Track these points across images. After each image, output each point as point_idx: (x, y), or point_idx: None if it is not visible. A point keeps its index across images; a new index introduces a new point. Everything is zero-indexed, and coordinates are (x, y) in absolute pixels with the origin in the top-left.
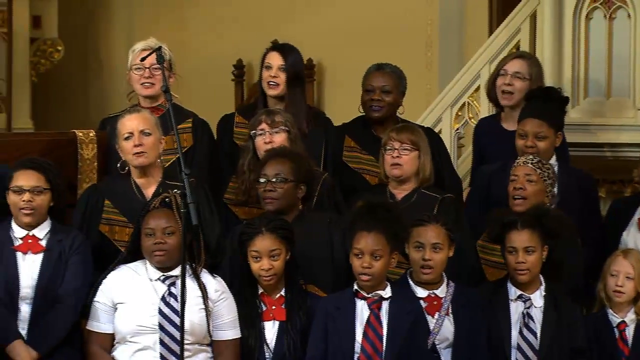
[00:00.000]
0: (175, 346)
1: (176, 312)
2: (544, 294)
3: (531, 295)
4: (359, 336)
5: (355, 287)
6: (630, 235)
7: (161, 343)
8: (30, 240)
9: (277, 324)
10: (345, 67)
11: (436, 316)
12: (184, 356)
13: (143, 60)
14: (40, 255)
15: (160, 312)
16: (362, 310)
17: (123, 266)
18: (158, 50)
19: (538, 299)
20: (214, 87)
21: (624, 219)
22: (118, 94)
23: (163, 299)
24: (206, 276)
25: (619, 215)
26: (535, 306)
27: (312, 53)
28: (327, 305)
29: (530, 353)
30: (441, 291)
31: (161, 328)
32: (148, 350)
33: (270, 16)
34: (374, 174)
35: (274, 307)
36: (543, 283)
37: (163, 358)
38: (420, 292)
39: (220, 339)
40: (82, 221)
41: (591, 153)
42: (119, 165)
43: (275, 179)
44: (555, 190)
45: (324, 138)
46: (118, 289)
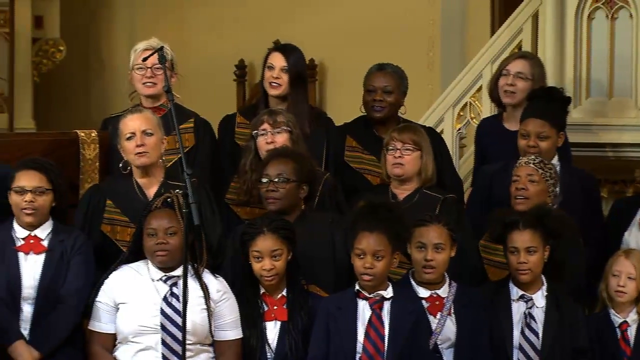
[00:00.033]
0: (177, 346)
1: (178, 312)
2: (545, 294)
3: (533, 296)
4: (360, 336)
5: (357, 287)
6: (632, 236)
7: (163, 343)
8: (32, 241)
9: (279, 324)
10: (347, 67)
11: (438, 316)
12: (185, 356)
13: (145, 60)
14: (42, 255)
15: (162, 313)
16: (364, 310)
17: (125, 266)
18: (160, 50)
19: (540, 299)
20: (216, 87)
21: (625, 219)
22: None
23: (165, 299)
24: (208, 276)
25: (621, 215)
26: (537, 306)
27: (314, 53)
28: (329, 305)
29: (532, 353)
30: (443, 291)
31: (163, 328)
32: (150, 350)
33: (272, 16)
34: (375, 174)
35: (275, 307)
36: (545, 283)
37: (165, 358)
38: (423, 292)
39: (222, 339)
40: (84, 221)
41: (593, 153)
42: (120, 165)
43: (277, 179)
44: (557, 190)
45: (326, 138)
46: (120, 289)
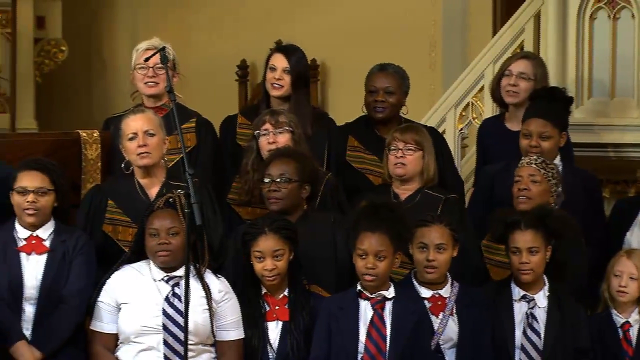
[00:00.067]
0: (178, 346)
1: (180, 313)
2: (547, 294)
3: (535, 296)
4: (362, 336)
5: (359, 288)
6: (634, 236)
7: (165, 343)
8: (34, 241)
9: (281, 324)
10: (349, 67)
11: (440, 316)
12: (187, 356)
13: (147, 60)
14: (44, 255)
15: (164, 313)
16: (366, 310)
17: (127, 266)
18: (162, 50)
19: (542, 299)
20: (218, 88)
21: (627, 219)
22: (122, 94)
23: (167, 299)
24: (210, 276)
25: (623, 215)
26: (539, 306)
27: (316, 53)
28: (331, 305)
29: (534, 353)
30: (445, 291)
31: (165, 328)
32: (152, 350)
33: (274, 16)
34: (377, 174)
35: (277, 307)
36: (547, 283)
37: (167, 358)
38: (425, 292)
39: (223, 340)
40: (86, 221)
41: (595, 153)
42: (123, 165)
43: (279, 179)
44: (559, 189)
45: (327, 138)
46: (122, 289)
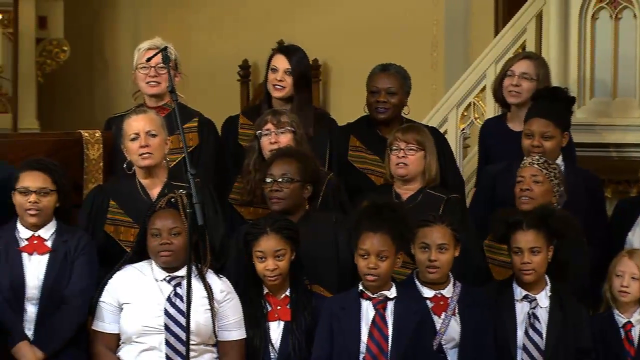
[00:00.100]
0: (180, 347)
1: (182, 313)
2: (549, 294)
3: (537, 296)
4: (364, 336)
5: (361, 288)
6: (635, 236)
7: (167, 343)
8: (35, 241)
9: (282, 324)
10: (351, 67)
11: (442, 316)
12: (189, 357)
13: (149, 60)
14: (46, 256)
15: (166, 313)
16: (368, 310)
17: (129, 266)
18: (164, 50)
19: (544, 299)
20: (220, 88)
21: (629, 219)
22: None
23: (169, 299)
24: (212, 277)
25: (625, 215)
26: (540, 306)
27: (318, 53)
28: (332, 305)
29: (535, 353)
30: (447, 291)
31: (167, 328)
32: (154, 350)
33: (275, 16)
34: (379, 174)
35: (279, 308)
36: (548, 283)
37: (168, 358)
38: (427, 292)
39: (225, 340)
40: (88, 221)
41: (597, 153)
42: (125, 165)
43: (281, 179)
44: (562, 189)
45: (329, 139)
46: (124, 289)
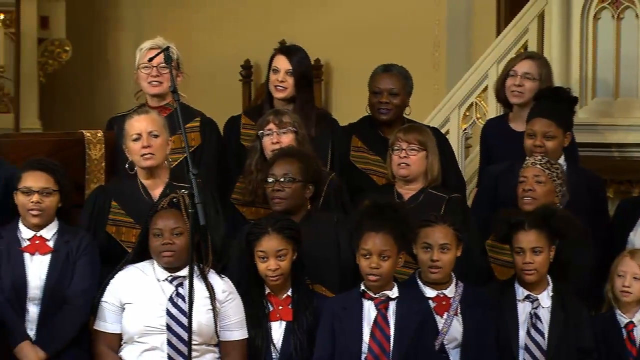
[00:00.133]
0: (182, 347)
1: (184, 313)
2: (551, 294)
3: (539, 296)
4: (366, 336)
5: (362, 288)
6: (637, 236)
7: (169, 344)
8: (37, 241)
9: (284, 324)
10: (353, 67)
11: (445, 316)
12: (191, 357)
13: (151, 60)
14: (47, 256)
15: (168, 313)
16: (369, 310)
17: (131, 266)
18: (166, 49)
19: (545, 299)
20: (222, 88)
21: (631, 219)
22: (126, 94)
23: (171, 299)
24: (214, 277)
25: (627, 215)
26: (542, 306)
27: (320, 53)
28: (334, 305)
29: (537, 353)
30: (450, 291)
31: (169, 329)
32: (155, 350)
33: (278, 16)
34: (381, 174)
35: (280, 307)
36: (550, 283)
37: (170, 358)
38: (429, 292)
39: (227, 340)
40: (90, 222)
41: (599, 153)
42: (127, 165)
43: (283, 179)
44: (565, 189)
45: (331, 139)
46: (126, 289)
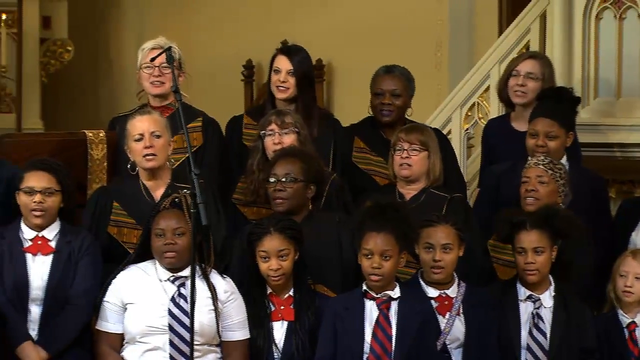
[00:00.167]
0: (184, 347)
1: (186, 313)
2: (553, 294)
3: (541, 296)
4: (368, 336)
5: (364, 288)
6: (639, 236)
7: (170, 344)
8: (39, 242)
9: (286, 324)
10: (355, 67)
11: (447, 316)
12: (193, 357)
13: (153, 60)
14: (49, 256)
15: (170, 313)
16: (371, 310)
17: (133, 266)
18: (168, 49)
19: (547, 299)
20: (224, 88)
21: (633, 219)
22: (128, 94)
23: (172, 299)
24: (215, 277)
25: (628, 215)
26: (544, 306)
27: (322, 53)
28: (336, 305)
29: (540, 353)
30: (452, 291)
31: (171, 329)
32: (157, 350)
33: (279, 16)
34: (383, 175)
35: (282, 307)
36: (552, 283)
37: (172, 359)
38: (432, 292)
39: (229, 340)
40: (91, 222)
41: (601, 153)
42: (129, 166)
43: (285, 179)
44: (567, 189)
45: (333, 139)
46: (128, 289)
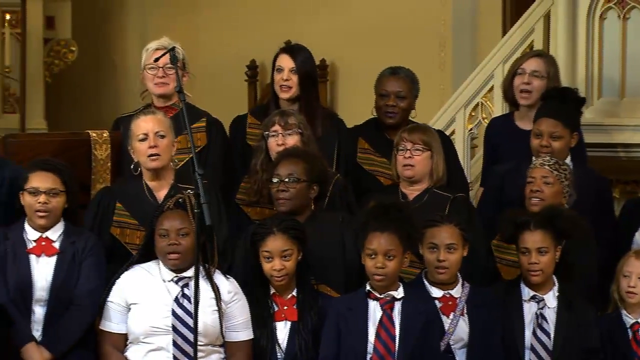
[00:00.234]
0: (188, 347)
1: (189, 314)
2: (557, 294)
3: (544, 296)
4: (371, 337)
5: (368, 288)
6: None
7: (174, 344)
8: (43, 243)
9: (289, 324)
10: (359, 68)
11: (451, 316)
12: (197, 357)
13: (157, 60)
14: (53, 257)
15: (174, 314)
16: (375, 310)
17: (137, 266)
18: (172, 50)
19: (551, 299)
20: (227, 88)
21: (636, 219)
22: (132, 94)
23: (176, 300)
24: (219, 277)
25: (632, 215)
26: (548, 307)
27: (325, 53)
28: (339, 305)
29: (543, 354)
30: (456, 291)
31: (174, 329)
32: (161, 351)
33: (283, 16)
34: (387, 176)
35: (285, 308)
36: (556, 283)
37: (176, 359)
38: (436, 292)
39: (233, 340)
40: (93, 223)
41: (605, 153)
42: (132, 166)
43: (288, 179)
44: (572, 190)
45: (337, 139)
46: (132, 289)
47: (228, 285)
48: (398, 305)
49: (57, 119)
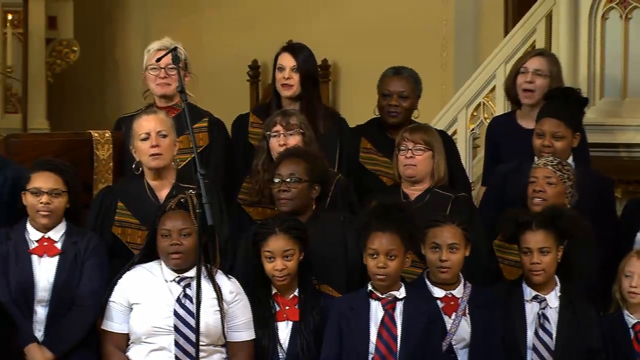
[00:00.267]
0: (190, 347)
1: (191, 314)
2: (559, 294)
3: (546, 296)
4: (373, 337)
5: (370, 288)
6: None
7: (176, 344)
8: (45, 243)
9: (291, 324)
10: (361, 67)
11: (453, 316)
12: (199, 357)
13: (159, 60)
14: (56, 258)
15: (175, 314)
16: (377, 310)
17: (138, 266)
18: (174, 50)
19: (553, 299)
20: (229, 88)
21: (638, 219)
22: (134, 94)
23: (178, 300)
24: (221, 277)
25: (634, 215)
26: (550, 307)
27: (328, 53)
28: (341, 305)
29: (545, 354)
30: (458, 291)
31: (176, 329)
32: (163, 351)
33: (285, 16)
34: (390, 176)
35: (287, 308)
36: (558, 283)
37: (178, 359)
38: (438, 292)
39: (234, 341)
40: (95, 222)
41: (607, 153)
42: (134, 166)
43: (289, 179)
44: (574, 190)
45: (339, 138)
46: (133, 289)
47: (230, 286)
48: (400, 305)
49: (59, 119)
